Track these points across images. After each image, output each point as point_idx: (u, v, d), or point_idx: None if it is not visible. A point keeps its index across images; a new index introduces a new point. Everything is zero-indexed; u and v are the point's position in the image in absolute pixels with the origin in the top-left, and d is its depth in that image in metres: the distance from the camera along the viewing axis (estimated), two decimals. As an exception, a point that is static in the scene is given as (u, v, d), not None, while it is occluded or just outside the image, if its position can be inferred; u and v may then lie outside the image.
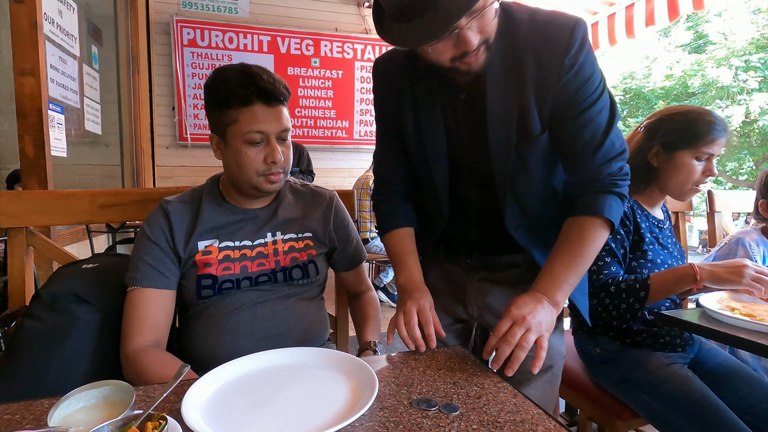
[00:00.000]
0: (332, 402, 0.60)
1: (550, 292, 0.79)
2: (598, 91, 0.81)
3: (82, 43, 2.58)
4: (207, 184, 0.99)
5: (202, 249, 0.91)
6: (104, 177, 3.41)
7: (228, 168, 0.94)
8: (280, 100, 0.88)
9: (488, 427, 0.55)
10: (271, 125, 0.87)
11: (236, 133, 0.87)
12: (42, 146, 1.94)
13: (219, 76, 0.87)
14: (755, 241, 1.32)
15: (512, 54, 0.79)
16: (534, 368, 0.71)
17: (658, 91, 11.37)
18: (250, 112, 0.86)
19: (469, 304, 1.04)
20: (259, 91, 0.85)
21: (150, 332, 0.84)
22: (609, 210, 0.81)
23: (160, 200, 0.95)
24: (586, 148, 0.82)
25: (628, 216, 1.13)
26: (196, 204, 0.95)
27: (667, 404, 1.04)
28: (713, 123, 1.09)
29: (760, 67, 9.61)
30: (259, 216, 0.98)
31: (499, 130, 0.82)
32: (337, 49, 4.61)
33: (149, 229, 0.90)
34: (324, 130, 4.72)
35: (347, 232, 1.08)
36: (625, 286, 1.05)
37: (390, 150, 0.98)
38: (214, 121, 0.91)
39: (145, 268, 0.87)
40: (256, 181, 0.90)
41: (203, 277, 0.90)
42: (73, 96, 2.45)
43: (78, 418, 0.52)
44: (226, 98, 0.85)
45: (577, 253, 0.81)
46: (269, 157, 0.88)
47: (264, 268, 0.94)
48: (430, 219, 1.00)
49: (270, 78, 0.87)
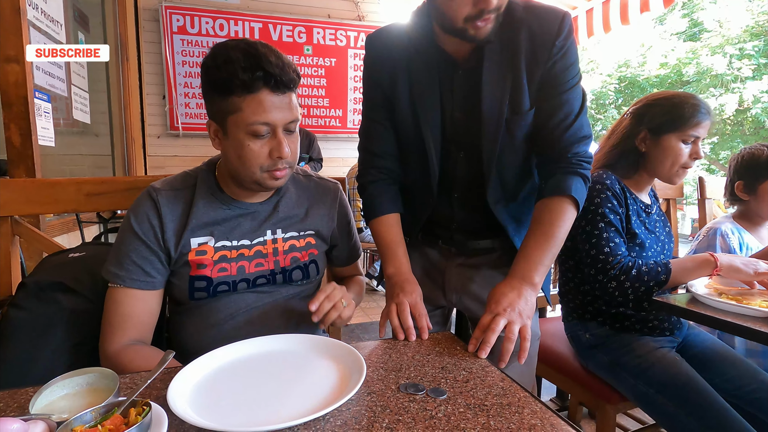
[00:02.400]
0: (320, 387, 0.60)
1: (527, 276, 0.83)
2: (576, 78, 0.88)
3: (68, 29, 2.52)
4: (202, 171, 0.89)
5: (196, 247, 0.83)
6: (95, 167, 3.37)
7: (228, 160, 0.83)
8: (289, 86, 0.78)
9: (475, 410, 0.55)
10: (279, 115, 0.77)
11: (238, 124, 0.77)
12: (29, 135, 1.90)
13: (220, 55, 0.75)
14: (730, 230, 1.34)
15: (509, 31, 0.85)
16: (521, 359, 0.73)
17: (652, 80, 11.35)
18: (255, 100, 0.75)
19: (448, 290, 1.06)
20: (266, 76, 0.74)
21: (133, 332, 0.79)
22: (576, 190, 0.86)
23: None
24: (559, 125, 0.88)
25: (620, 197, 1.13)
26: (189, 192, 0.85)
27: (655, 387, 1.06)
28: (698, 106, 1.11)
29: (754, 55, 9.61)
30: (258, 212, 0.89)
31: (492, 103, 0.87)
32: (329, 36, 4.55)
33: (136, 223, 0.81)
34: (317, 119, 4.68)
35: (349, 228, 1.04)
36: (647, 270, 1.06)
37: (378, 125, 0.98)
38: (213, 107, 0.80)
39: (130, 267, 0.80)
40: (260, 177, 0.81)
41: (197, 279, 0.83)
42: (59, 84, 2.40)
43: (61, 405, 0.51)
44: (228, 83, 0.74)
45: (549, 234, 0.85)
46: (275, 151, 0.78)
47: (263, 269, 0.88)
48: (419, 198, 1.01)
49: (279, 60, 0.75)
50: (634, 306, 1.16)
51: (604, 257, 1.09)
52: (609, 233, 1.10)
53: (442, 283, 1.06)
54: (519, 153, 0.92)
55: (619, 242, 1.11)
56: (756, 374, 1.09)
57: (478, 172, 0.93)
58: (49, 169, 2.26)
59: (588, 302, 1.22)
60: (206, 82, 0.79)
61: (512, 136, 0.89)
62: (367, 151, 1.02)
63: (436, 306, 1.11)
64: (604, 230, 1.11)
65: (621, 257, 1.09)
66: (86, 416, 0.46)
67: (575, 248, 1.18)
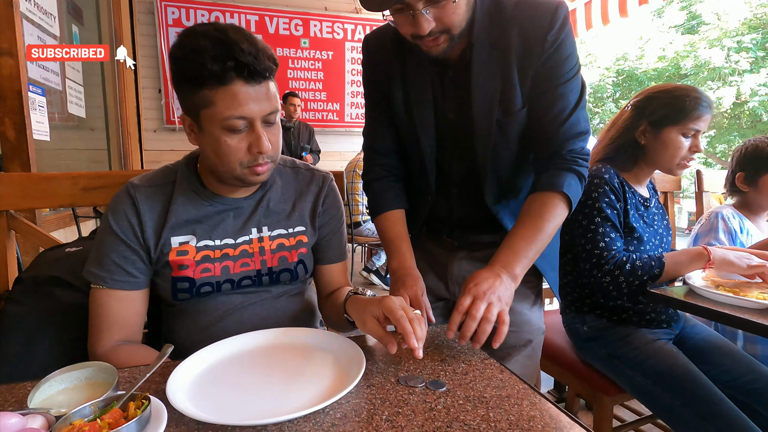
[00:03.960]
0: (319, 380, 0.60)
1: (509, 266, 0.80)
2: (574, 71, 0.85)
3: (62, 22, 2.50)
4: (182, 166, 0.84)
5: (177, 247, 0.78)
6: (91, 162, 3.35)
7: (205, 156, 0.78)
8: (265, 75, 0.71)
9: (474, 403, 0.55)
10: (256, 108, 0.70)
11: (213, 118, 0.70)
12: (23, 130, 1.89)
13: (188, 43, 0.68)
14: (731, 214, 1.36)
15: (499, 30, 0.83)
16: (495, 343, 0.71)
17: (650, 73, 11.35)
18: (228, 92, 0.68)
19: (450, 282, 1.06)
20: (238, 65, 0.67)
21: (120, 333, 0.76)
22: (568, 187, 0.84)
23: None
24: (554, 120, 0.85)
25: (618, 192, 1.13)
26: (168, 188, 0.81)
27: (652, 379, 1.06)
28: (699, 99, 1.10)
29: (752, 48, 9.60)
30: (242, 207, 0.84)
31: (483, 104, 0.85)
32: (326, 29, 4.52)
33: (115, 221, 0.77)
34: (315, 113, 4.66)
35: (338, 222, 0.95)
36: (641, 264, 1.06)
37: (380, 124, 0.99)
38: (185, 101, 0.73)
39: (111, 267, 0.76)
40: (240, 173, 0.75)
41: (179, 280, 0.79)
42: (54, 78, 2.38)
43: (60, 400, 0.51)
44: (198, 75, 0.68)
45: (537, 228, 0.82)
46: (254, 146, 0.72)
47: (248, 269, 0.83)
48: (419, 196, 1.01)
49: (252, 47, 0.68)
50: (629, 299, 1.17)
51: (599, 252, 1.10)
52: (605, 228, 1.11)
53: (445, 275, 1.07)
54: (515, 150, 0.91)
55: (614, 237, 1.11)
56: (751, 365, 1.10)
57: (475, 171, 0.92)
58: (44, 164, 2.24)
59: (586, 295, 1.23)
60: (174, 73, 0.72)
61: (506, 135, 0.88)
62: (370, 149, 1.02)
63: (438, 298, 1.11)
64: (600, 225, 1.11)
65: (616, 252, 1.09)
66: (85, 410, 0.46)
67: (573, 242, 1.18)
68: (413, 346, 0.61)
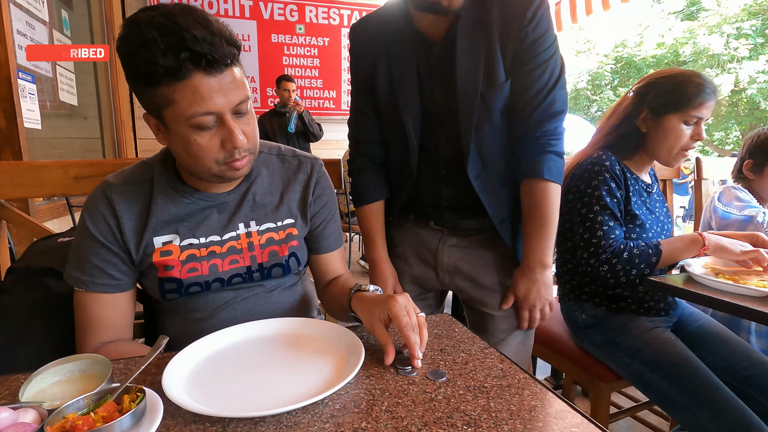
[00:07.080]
0: (318, 370, 0.59)
1: (538, 261, 0.95)
2: (551, 50, 0.89)
3: (51, 7, 2.43)
4: (158, 162, 0.78)
5: (160, 248, 0.74)
6: (84, 151, 3.30)
7: (177, 156, 0.72)
8: (226, 62, 0.63)
9: (474, 392, 0.54)
10: (221, 100, 0.63)
11: (177, 117, 0.64)
12: (14, 117, 1.85)
13: (132, 35, 0.59)
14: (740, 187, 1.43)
15: (482, 7, 0.88)
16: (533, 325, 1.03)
17: (649, 60, 11.27)
18: (187, 88, 0.61)
19: (440, 271, 1.08)
20: (194, 56, 0.59)
21: (106, 335, 0.74)
22: (549, 171, 0.91)
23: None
24: (532, 101, 0.90)
25: (620, 179, 1.12)
26: (146, 187, 0.75)
27: (650, 366, 1.07)
28: (702, 85, 1.08)
29: (751, 35, 9.53)
30: (227, 202, 0.79)
31: (467, 76, 0.89)
32: (322, 15, 4.44)
33: (92, 223, 0.72)
34: (311, 100, 4.60)
35: (331, 208, 0.90)
36: (638, 252, 1.06)
37: (363, 114, 1.04)
38: (144, 100, 0.66)
39: (92, 270, 0.72)
40: (217, 171, 0.69)
41: (166, 281, 0.75)
42: (44, 64, 2.33)
43: (53, 392, 0.50)
44: (150, 72, 0.60)
45: (544, 219, 0.94)
46: (228, 142, 0.66)
47: (238, 266, 0.79)
48: (400, 177, 1.06)
49: (206, 32, 0.60)
50: (627, 287, 1.16)
51: (596, 240, 1.09)
52: (603, 217, 1.10)
53: (435, 263, 1.08)
54: (496, 126, 0.94)
55: (613, 225, 1.10)
56: (748, 352, 1.11)
57: (460, 150, 0.95)
58: (37, 153, 2.20)
59: (585, 283, 1.22)
60: (126, 71, 0.64)
61: (489, 109, 0.91)
62: (354, 140, 1.08)
63: (428, 289, 1.13)
64: (599, 214, 1.10)
65: (614, 241, 1.09)
66: (79, 403, 0.45)
67: (572, 230, 1.17)
68: (417, 356, 0.60)
